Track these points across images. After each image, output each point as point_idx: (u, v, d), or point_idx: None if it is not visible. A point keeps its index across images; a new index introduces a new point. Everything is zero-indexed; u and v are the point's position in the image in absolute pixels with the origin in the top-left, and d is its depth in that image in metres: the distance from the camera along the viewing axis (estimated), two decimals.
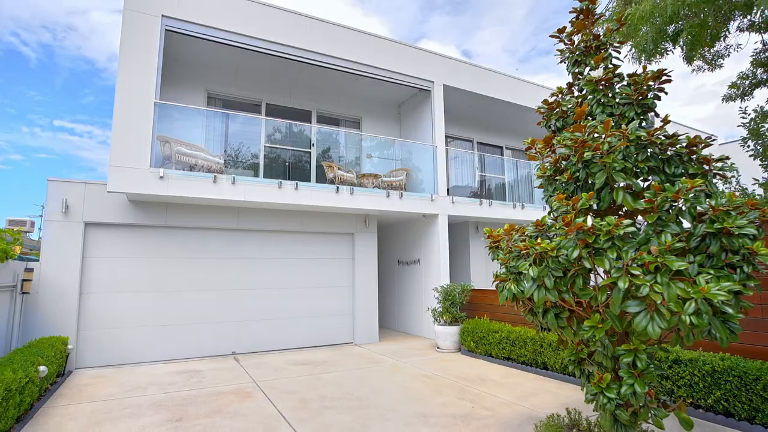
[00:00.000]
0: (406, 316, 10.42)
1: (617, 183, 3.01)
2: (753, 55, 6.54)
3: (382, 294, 11.22)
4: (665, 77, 3.30)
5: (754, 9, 4.65)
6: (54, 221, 6.79)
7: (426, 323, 9.33)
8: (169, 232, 7.63)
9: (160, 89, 7.07)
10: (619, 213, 3.34)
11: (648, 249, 2.62)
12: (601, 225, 2.69)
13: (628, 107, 3.34)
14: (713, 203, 2.57)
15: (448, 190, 10.05)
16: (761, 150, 6.46)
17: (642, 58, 5.37)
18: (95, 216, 7.03)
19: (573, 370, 3.40)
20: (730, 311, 2.38)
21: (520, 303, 3.34)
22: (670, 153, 3.00)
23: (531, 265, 2.96)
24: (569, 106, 3.75)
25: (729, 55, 6.10)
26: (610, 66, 3.73)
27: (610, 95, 3.49)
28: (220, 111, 8.93)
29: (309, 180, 8.85)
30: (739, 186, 6.47)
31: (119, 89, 6.62)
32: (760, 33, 5.49)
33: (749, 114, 6.79)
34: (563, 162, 3.34)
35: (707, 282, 2.43)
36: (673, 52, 5.46)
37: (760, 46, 6.27)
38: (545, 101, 3.93)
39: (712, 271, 2.56)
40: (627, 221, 2.67)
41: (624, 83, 3.53)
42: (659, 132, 2.96)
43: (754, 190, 6.25)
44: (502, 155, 13.05)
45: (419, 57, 9.92)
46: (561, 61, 4.04)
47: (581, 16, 3.94)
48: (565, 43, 3.95)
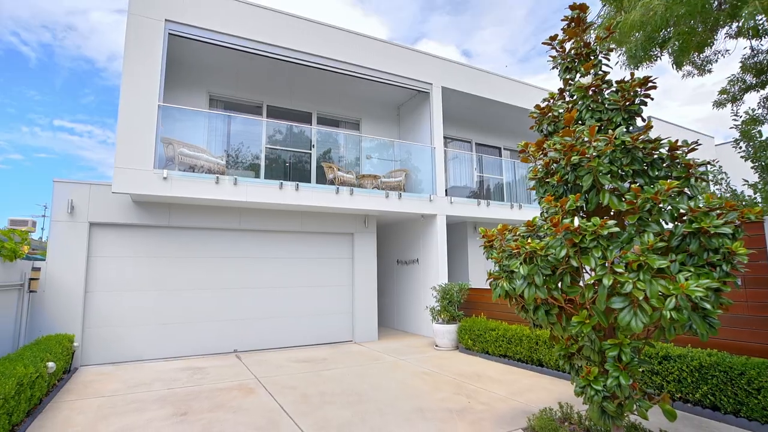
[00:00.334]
0: (405, 314, 10.56)
1: (605, 185, 3.15)
2: (742, 61, 6.70)
3: (381, 293, 11.37)
4: (651, 84, 3.45)
5: (737, 19, 4.79)
6: (60, 221, 6.93)
7: (424, 322, 9.48)
8: (172, 232, 7.78)
9: (163, 92, 7.21)
10: (610, 213, 3.48)
11: (631, 248, 2.77)
12: (587, 225, 2.84)
13: (615, 113, 3.48)
14: (692, 204, 2.71)
15: (446, 190, 10.18)
16: (752, 151, 6.61)
17: (632, 64, 5.52)
18: (100, 216, 7.17)
19: (563, 364, 3.55)
20: (708, 307, 2.52)
21: (512, 300, 3.49)
22: (654, 157, 3.14)
23: (522, 264, 3.11)
24: (560, 111, 3.89)
25: (717, 61, 6.27)
26: (599, 72, 3.88)
27: (599, 101, 3.64)
28: (222, 113, 9.08)
29: (309, 181, 8.99)
30: (729, 187, 6.61)
31: (124, 92, 6.76)
32: (748, 39, 5.65)
33: (741, 116, 6.95)
34: (554, 165, 3.49)
35: (687, 279, 2.58)
36: (661, 58, 5.62)
37: (748, 51, 6.44)
38: (537, 106, 4.07)
39: (692, 269, 2.71)
40: (611, 222, 2.81)
41: (612, 89, 3.68)
42: (643, 136, 3.10)
43: (743, 191, 6.39)
44: (500, 156, 13.18)
45: (418, 59, 10.06)
46: (553, 67, 4.18)
47: (572, 24, 4.08)
48: (557, 50, 4.09)
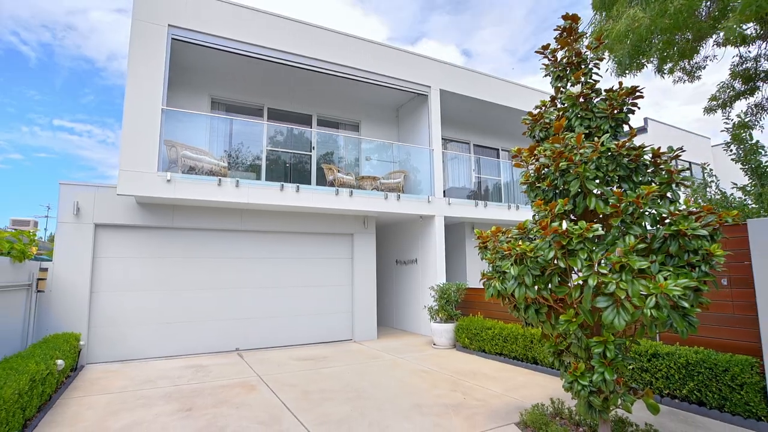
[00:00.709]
0: (403, 314, 10.73)
1: (592, 190, 3.31)
2: (731, 68, 6.84)
3: (380, 293, 11.53)
4: (638, 94, 3.61)
5: (718, 31, 4.95)
6: (66, 223, 7.09)
7: (423, 321, 9.64)
8: (175, 233, 7.93)
9: (166, 95, 7.36)
10: (598, 217, 3.64)
11: (615, 250, 2.93)
12: (574, 229, 3.00)
13: (603, 120, 3.64)
14: (672, 208, 2.87)
15: (444, 191, 10.33)
16: (742, 154, 6.76)
17: (620, 71, 5.68)
18: (105, 218, 7.33)
19: (553, 361, 3.71)
20: (686, 305, 2.68)
21: (505, 300, 3.65)
22: (639, 163, 3.30)
23: (513, 265, 3.27)
24: (552, 118, 4.05)
25: (706, 67, 6.42)
26: (590, 81, 4.03)
27: (588, 108, 3.80)
28: (224, 116, 9.23)
29: (309, 182, 9.15)
30: (719, 189, 6.76)
31: (128, 96, 6.91)
32: (736, 47, 5.80)
33: (732, 120, 7.11)
34: (545, 170, 3.65)
35: (666, 279, 2.74)
36: (647, 66, 5.78)
37: (737, 59, 6.58)
38: (530, 113, 4.23)
39: (671, 269, 2.87)
40: (596, 225, 2.97)
41: (602, 97, 3.84)
42: (628, 144, 3.26)
43: (732, 193, 6.54)
44: (498, 157, 13.33)
45: (416, 62, 10.21)
46: (545, 75, 4.34)
47: (565, 33, 4.24)
48: (549, 59, 4.25)
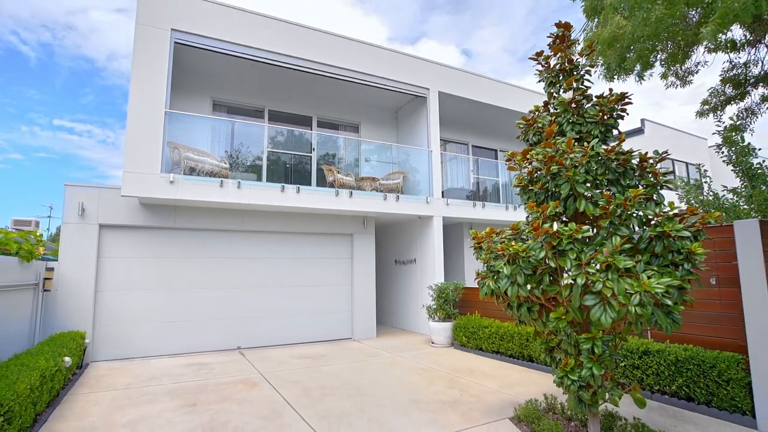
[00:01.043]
0: (402, 313, 10.87)
1: (582, 193, 3.45)
2: (721, 74, 6.98)
3: (379, 292, 11.67)
4: (627, 100, 3.75)
5: (699, 38, 5.08)
6: (71, 223, 7.23)
7: (421, 320, 9.78)
8: (178, 233, 8.07)
9: (169, 97, 7.50)
10: (588, 219, 3.78)
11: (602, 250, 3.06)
12: (564, 230, 3.14)
13: (593, 126, 3.78)
14: (657, 210, 3.01)
15: (443, 192, 10.47)
16: (734, 156, 6.90)
17: (608, 76, 5.82)
18: (109, 218, 7.47)
19: (545, 357, 3.85)
20: (669, 303, 2.82)
21: (499, 298, 3.79)
22: (626, 167, 3.44)
23: (506, 264, 3.40)
24: (545, 122, 4.19)
25: (698, 72, 6.56)
26: (582, 87, 4.16)
27: (579, 114, 3.93)
28: (225, 119, 9.37)
29: (310, 183, 9.29)
30: (712, 191, 6.89)
31: (132, 99, 7.05)
32: (726, 53, 5.93)
33: (723, 122, 7.25)
34: (537, 173, 3.78)
35: (649, 278, 2.88)
36: (633, 71, 5.93)
37: (728, 65, 6.72)
38: (524, 118, 4.36)
39: (656, 268, 3.01)
40: (586, 227, 3.11)
41: (592, 103, 3.98)
42: (617, 148, 3.40)
43: (724, 194, 6.68)
44: (496, 158, 13.47)
45: (415, 65, 10.35)
46: (539, 81, 4.47)
47: (557, 41, 4.38)
48: (542, 66, 4.39)
